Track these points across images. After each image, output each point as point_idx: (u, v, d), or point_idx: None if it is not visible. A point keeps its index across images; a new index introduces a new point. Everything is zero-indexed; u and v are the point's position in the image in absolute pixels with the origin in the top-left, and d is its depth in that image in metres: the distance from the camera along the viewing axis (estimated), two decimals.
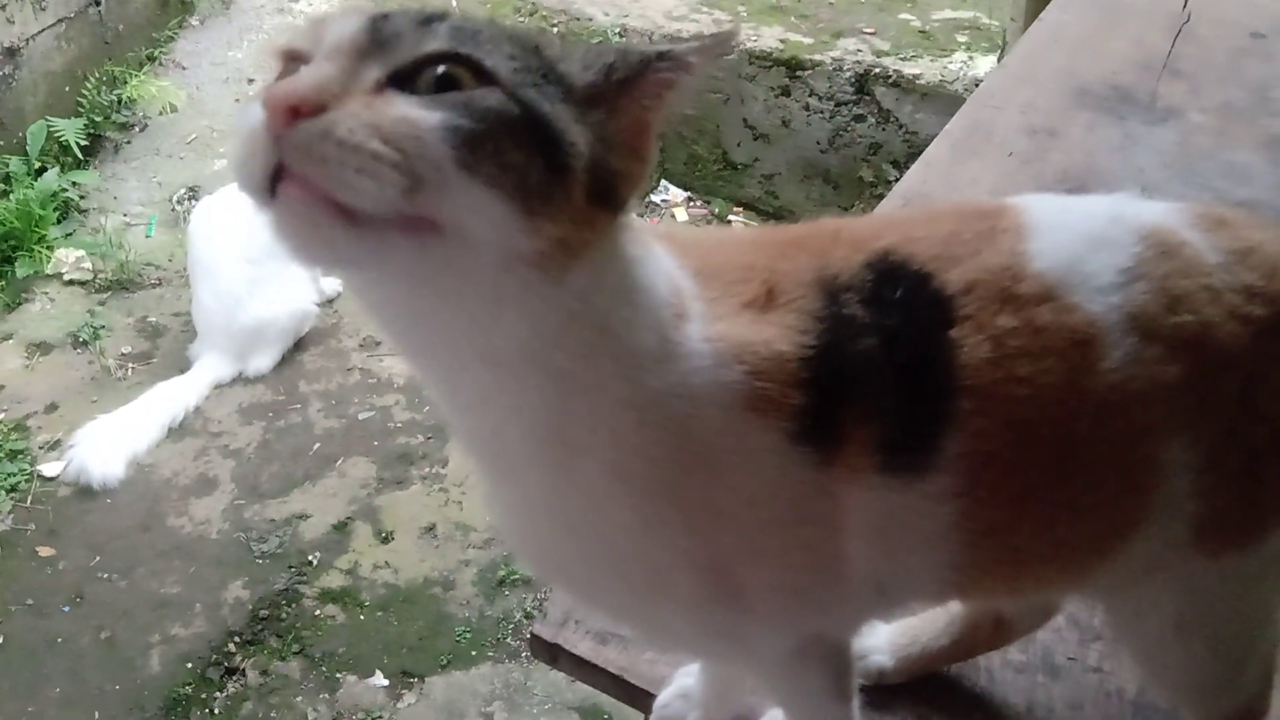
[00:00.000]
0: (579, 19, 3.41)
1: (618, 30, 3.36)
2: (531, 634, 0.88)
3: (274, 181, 0.48)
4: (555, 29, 3.39)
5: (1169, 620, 0.72)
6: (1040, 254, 0.64)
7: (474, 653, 2.17)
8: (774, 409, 0.58)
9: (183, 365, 2.76)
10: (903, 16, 3.56)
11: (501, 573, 2.30)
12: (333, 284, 2.93)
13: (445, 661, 2.16)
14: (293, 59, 0.54)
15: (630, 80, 0.55)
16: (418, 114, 0.49)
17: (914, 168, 1.55)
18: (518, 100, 0.52)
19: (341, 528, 2.41)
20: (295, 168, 0.48)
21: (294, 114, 0.47)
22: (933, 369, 0.61)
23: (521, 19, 3.42)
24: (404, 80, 0.51)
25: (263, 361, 2.76)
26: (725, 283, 0.62)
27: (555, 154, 0.52)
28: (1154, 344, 0.63)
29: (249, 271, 2.67)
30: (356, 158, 0.47)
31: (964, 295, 0.62)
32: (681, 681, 0.85)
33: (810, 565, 0.63)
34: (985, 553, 0.65)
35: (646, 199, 3.54)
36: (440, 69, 0.51)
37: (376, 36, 0.51)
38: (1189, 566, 0.69)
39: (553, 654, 0.87)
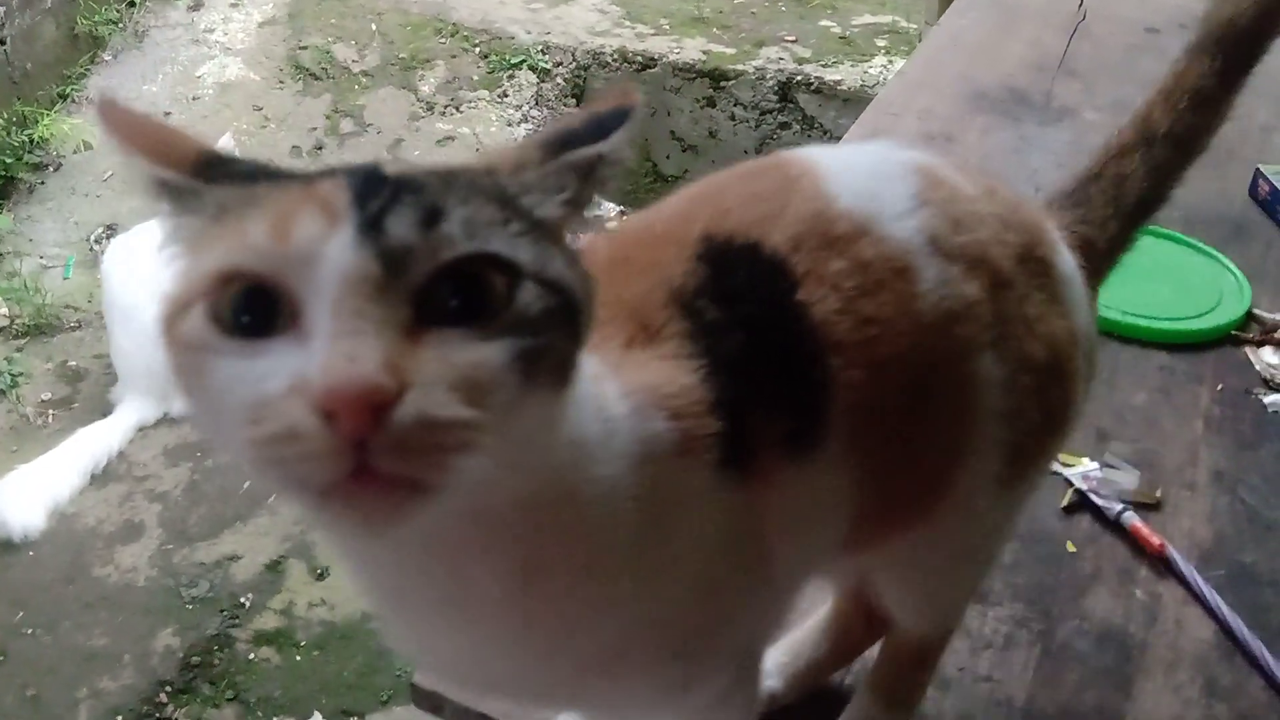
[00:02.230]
0: (500, 38, 3.40)
1: (540, 48, 3.35)
2: (412, 685, 0.87)
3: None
4: (477, 49, 3.38)
5: (948, 550, 0.73)
6: (839, 194, 0.65)
7: None
8: (698, 445, 0.57)
9: (105, 409, 2.69)
10: (823, 23, 3.59)
11: None
12: None
13: (386, 698, 2.13)
14: (249, 283, 0.43)
15: (582, 199, 0.50)
16: (484, 354, 0.42)
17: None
18: (546, 284, 0.45)
19: (274, 567, 2.36)
20: (389, 468, 0.40)
21: (373, 410, 0.39)
22: (796, 339, 0.61)
23: (442, 40, 3.41)
24: (426, 300, 0.43)
25: None
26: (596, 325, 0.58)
27: (578, 317, 0.48)
28: (953, 263, 0.65)
29: None
30: (454, 435, 0.41)
31: (794, 253, 0.62)
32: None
33: (752, 584, 0.62)
34: (870, 502, 0.65)
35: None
36: (469, 280, 0.44)
37: (386, 260, 0.42)
38: (986, 498, 0.70)
39: (435, 703, 0.86)
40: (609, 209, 3.58)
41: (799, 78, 3.26)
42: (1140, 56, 1.90)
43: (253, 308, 0.43)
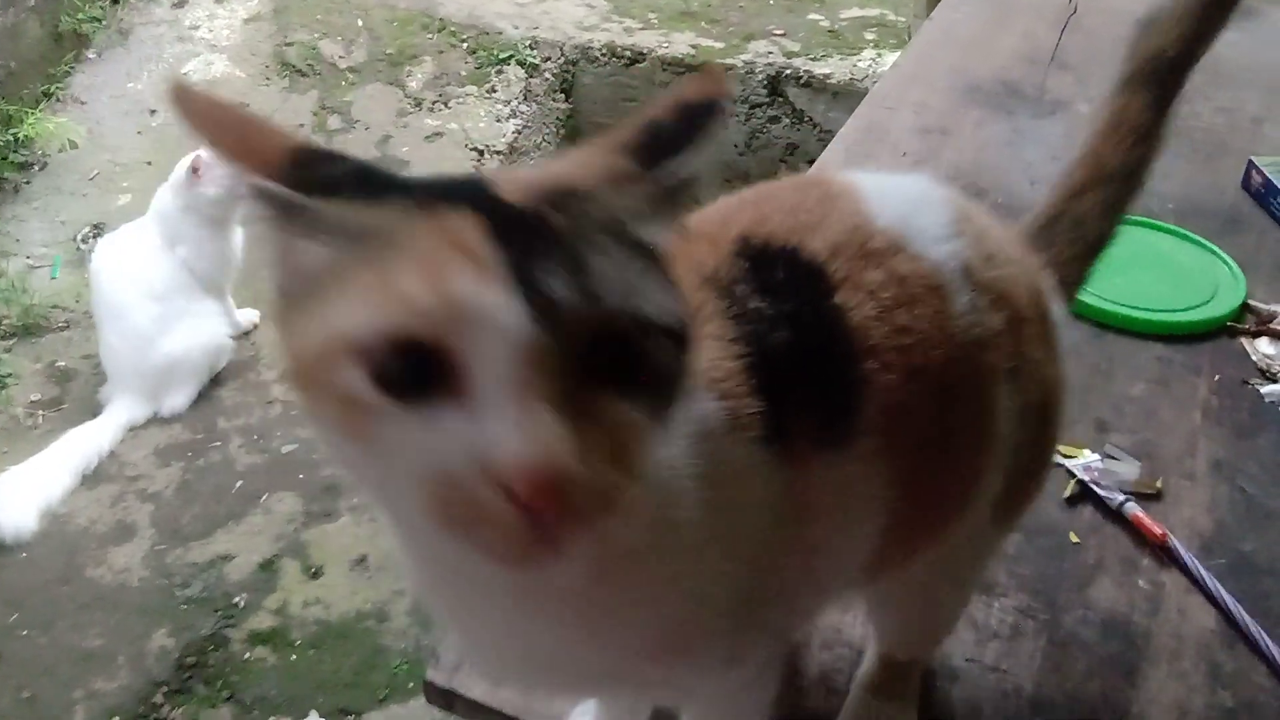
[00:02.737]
0: (488, 33, 3.39)
1: (528, 43, 3.34)
2: (426, 682, 0.87)
3: None
4: (464, 44, 3.37)
5: (949, 574, 0.76)
6: (878, 213, 0.66)
7: (412, 684, 2.13)
8: (745, 423, 0.58)
9: (95, 409, 2.68)
10: (811, 17, 3.59)
11: None
12: (248, 315, 2.87)
13: (383, 695, 2.12)
14: (408, 344, 0.41)
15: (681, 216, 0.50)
16: (634, 419, 0.44)
17: (810, 172, 1.55)
18: (673, 335, 0.46)
19: (268, 566, 2.35)
20: (559, 534, 0.42)
21: (562, 494, 0.40)
22: (833, 337, 0.62)
23: (429, 36, 3.40)
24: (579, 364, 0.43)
25: (178, 400, 2.69)
26: None
27: (690, 349, 0.48)
28: (982, 293, 0.66)
29: (157, 308, 2.61)
30: (614, 497, 0.43)
31: (832, 259, 0.63)
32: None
33: (797, 565, 0.64)
34: (900, 510, 0.66)
35: None
36: (616, 343, 0.43)
37: (549, 326, 0.41)
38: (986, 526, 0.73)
39: (448, 700, 0.86)
40: None
41: (788, 71, 3.26)
42: None
43: (411, 367, 0.41)
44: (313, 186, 0.45)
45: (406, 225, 0.43)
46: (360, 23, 3.47)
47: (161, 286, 2.62)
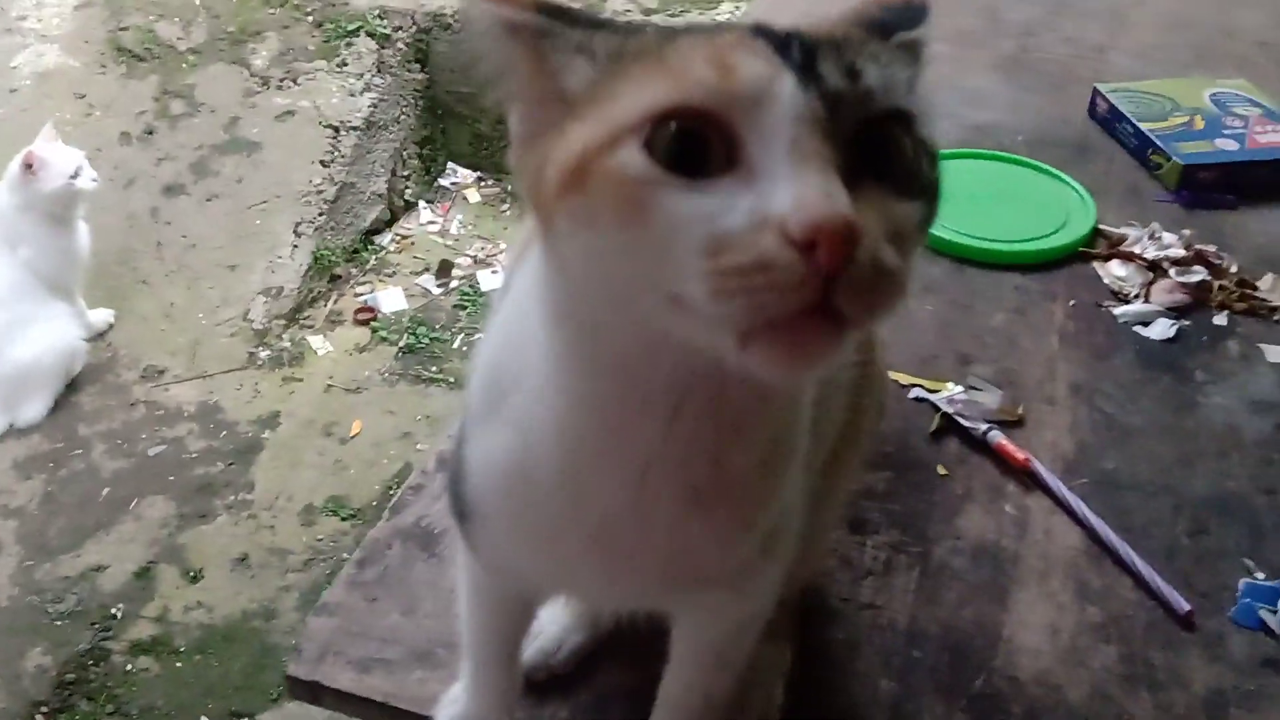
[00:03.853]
0: (334, 4, 3.27)
1: (377, 13, 3.24)
2: (287, 676, 0.83)
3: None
4: (310, 17, 3.24)
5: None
6: None
7: None
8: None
9: None
10: None
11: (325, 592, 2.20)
12: (101, 315, 2.74)
13: (275, 695, 2.06)
14: (689, 116, 0.43)
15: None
16: (906, 212, 0.45)
17: None
18: (934, 158, 0.47)
19: (144, 574, 2.26)
20: (846, 305, 0.41)
21: (847, 247, 0.40)
22: None
23: (272, 10, 3.26)
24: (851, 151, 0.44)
25: (33, 409, 2.56)
26: None
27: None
28: None
29: (1, 315, 2.47)
30: (895, 282, 0.43)
31: None
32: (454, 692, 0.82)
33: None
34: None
35: (434, 184, 3.45)
36: (886, 138, 0.45)
37: (828, 105, 0.43)
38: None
39: (313, 692, 0.83)
40: (466, 175, 3.51)
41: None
42: None
43: (688, 145, 0.43)
44: (567, 21, 0.48)
45: (696, 36, 0.45)
46: (198, 1, 3.31)
47: (4, 291, 2.49)
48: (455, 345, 2.85)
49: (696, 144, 0.43)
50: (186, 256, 2.90)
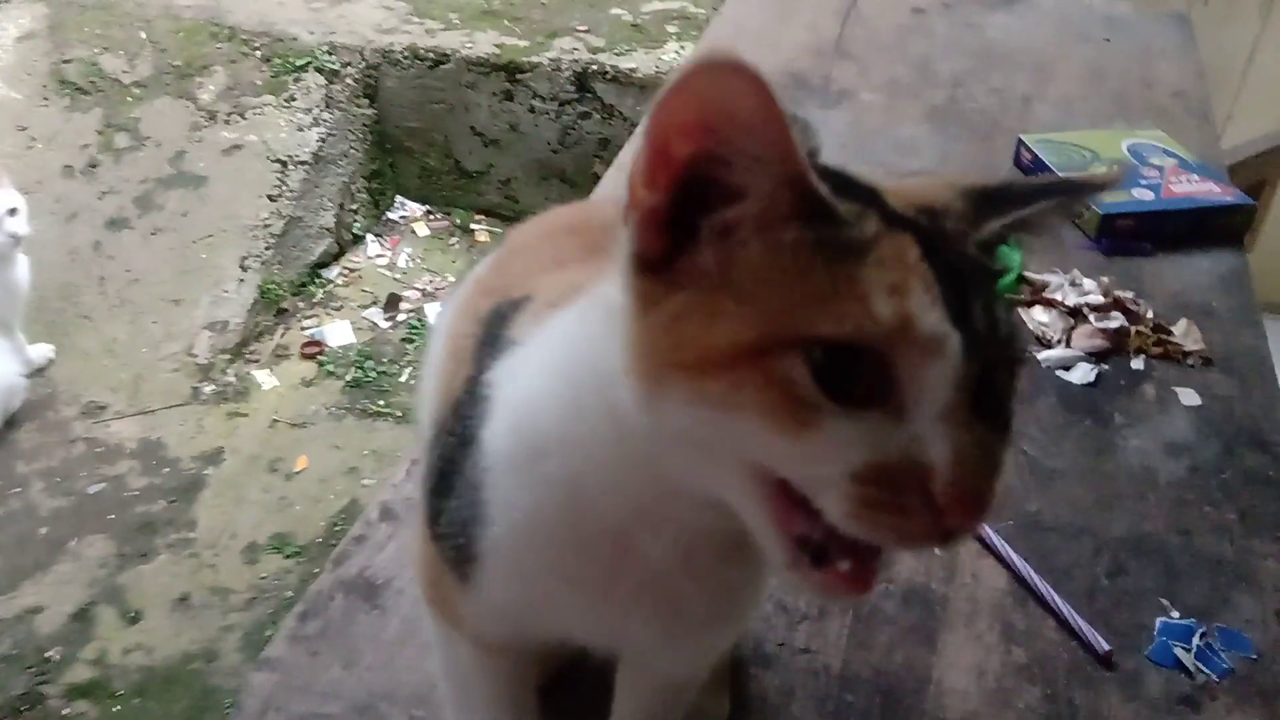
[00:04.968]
0: (282, 40, 3.26)
1: (326, 48, 3.24)
2: None
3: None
4: (258, 52, 3.24)
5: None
6: None
7: None
8: None
9: None
10: (614, 11, 3.60)
11: (268, 632, 2.18)
12: (41, 351, 2.70)
13: None
14: (858, 358, 0.45)
15: None
16: (1007, 452, 0.49)
17: (608, 172, 1.57)
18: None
19: (82, 615, 2.23)
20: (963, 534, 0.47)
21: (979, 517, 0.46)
22: None
23: (219, 45, 3.25)
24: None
25: None
26: None
27: None
28: None
29: None
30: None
31: None
32: None
33: None
34: None
35: (383, 217, 3.45)
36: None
37: (979, 360, 0.46)
38: None
39: None
40: (414, 209, 3.51)
41: (594, 67, 3.27)
42: (909, 37, 2.00)
43: (845, 367, 0.45)
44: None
45: (872, 240, 0.46)
46: (143, 35, 3.29)
47: None
48: (403, 379, 2.85)
49: (852, 367, 0.45)
50: (129, 291, 2.87)
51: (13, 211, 2.50)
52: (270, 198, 3.00)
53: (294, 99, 3.15)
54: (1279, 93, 3.15)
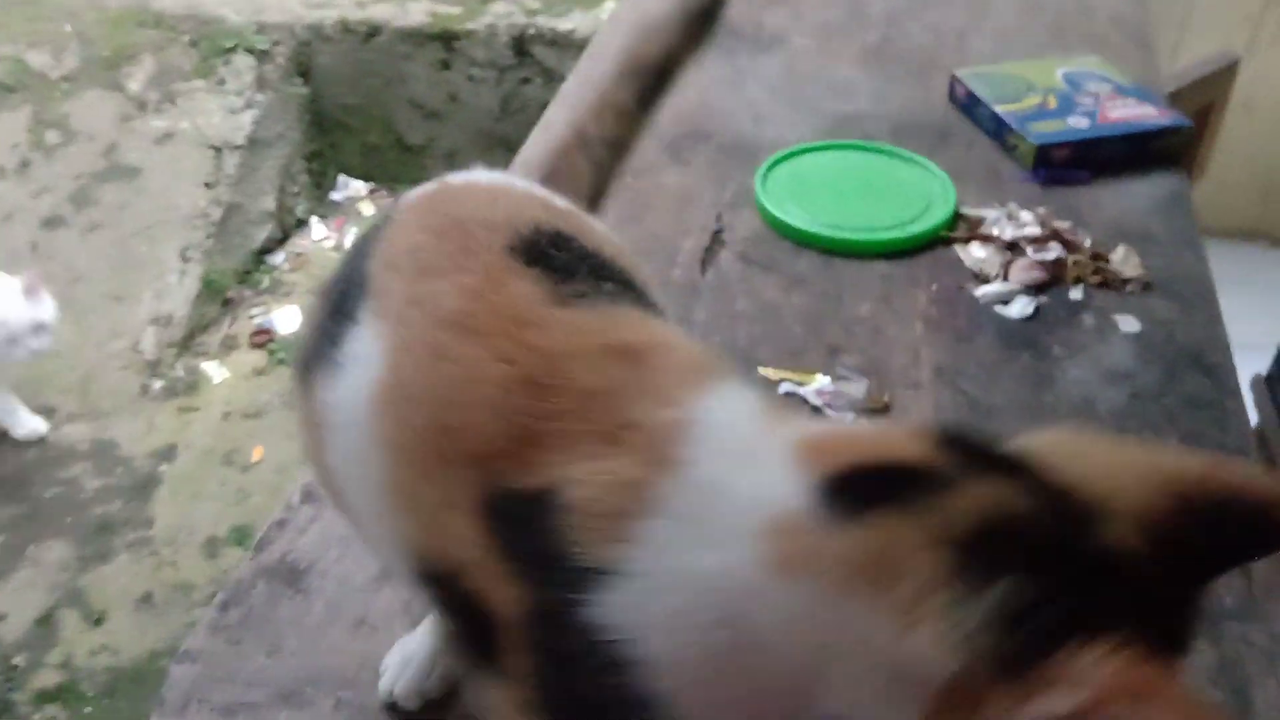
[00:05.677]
0: (209, 22, 3.19)
1: (254, 28, 3.17)
2: None
3: None
4: (185, 37, 3.16)
5: None
6: None
7: None
8: None
9: None
10: None
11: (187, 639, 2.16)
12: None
13: None
14: None
15: None
16: None
17: (533, 134, 1.53)
18: None
19: (45, 620, 2.21)
20: None
21: None
22: None
23: (146, 32, 3.17)
24: None
25: None
26: None
27: None
28: None
29: None
30: None
31: None
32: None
33: None
34: None
35: (326, 198, 3.40)
36: None
37: None
38: None
39: None
40: (358, 188, 3.46)
41: (531, 31, 3.22)
42: None
43: None
44: None
45: None
46: (69, 27, 3.20)
47: None
48: None
49: None
50: (71, 291, 2.81)
51: (39, 328, 2.40)
52: (207, 185, 2.94)
53: (224, 82, 3.09)
54: (1225, 16, 3.14)
